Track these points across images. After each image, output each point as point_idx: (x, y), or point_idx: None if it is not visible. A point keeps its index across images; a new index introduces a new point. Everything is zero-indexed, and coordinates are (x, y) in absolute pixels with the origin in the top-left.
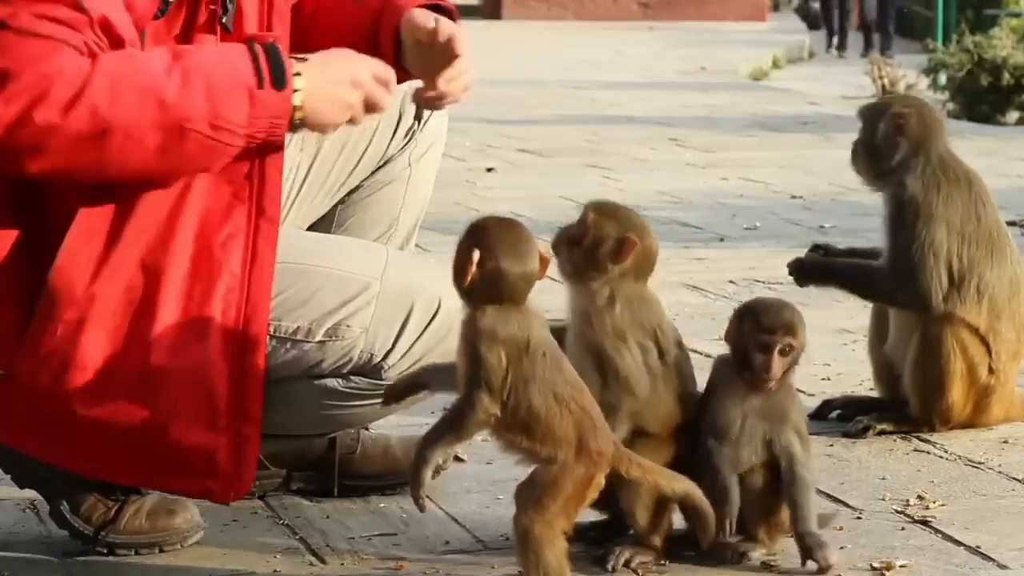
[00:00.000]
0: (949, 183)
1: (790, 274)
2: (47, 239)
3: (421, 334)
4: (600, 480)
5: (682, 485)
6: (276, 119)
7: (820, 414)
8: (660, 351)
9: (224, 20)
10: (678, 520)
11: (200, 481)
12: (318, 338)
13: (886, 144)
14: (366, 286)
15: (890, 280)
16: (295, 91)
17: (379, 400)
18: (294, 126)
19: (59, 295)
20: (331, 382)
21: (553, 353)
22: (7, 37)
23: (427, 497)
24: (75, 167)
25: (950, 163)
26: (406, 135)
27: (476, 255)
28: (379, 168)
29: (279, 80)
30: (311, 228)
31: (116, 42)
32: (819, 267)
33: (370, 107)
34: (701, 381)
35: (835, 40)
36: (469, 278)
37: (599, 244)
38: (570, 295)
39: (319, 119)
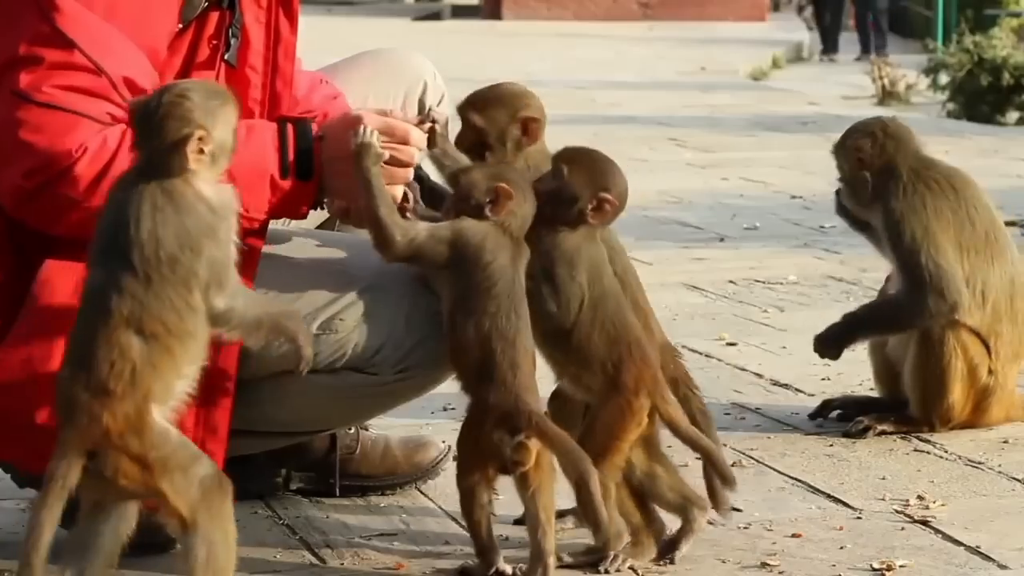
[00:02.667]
0: (934, 195)
1: (821, 355)
2: (36, 253)
3: (415, 330)
4: (496, 435)
5: (581, 466)
6: (298, 205)
7: (820, 414)
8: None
9: (227, 56)
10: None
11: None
12: (312, 332)
13: (855, 180)
14: (360, 280)
15: (917, 302)
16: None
17: (374, 396)
18: (318, 203)
19: (39, 307)
20: (325, 377)
21: (517, 295)
22: (30, 111)
23: None
24: (84, 235)
25: (930, 172)
26: None
27: (508, 187)
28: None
29: (305, 171)
30: (316, 228)
31: (140, 94)
32: (838, 333)
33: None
34: (700, 382)
35: (830, 44)
36: (503, 212)
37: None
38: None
39: (341, 195)
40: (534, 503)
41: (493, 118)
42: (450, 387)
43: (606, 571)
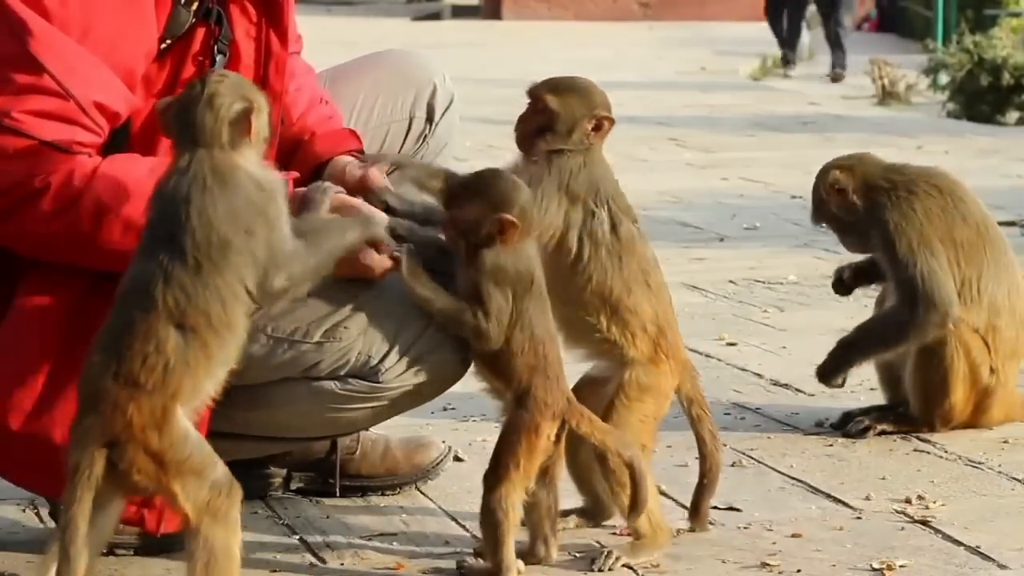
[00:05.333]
0: (920, 198)
1: (827, 385)
2: (21, 266)
3: (418, 338)
4: (549, 431)
5: (630, 453)
6: None
7: (843, 425)
8: None
9: None
10: (678, 520)
11: (130, 507)
12: (315, 339)
13: (846, 211)
14: (365, 289)
15: (911, 316)
16: None
17: (376, 404)
18: None
19: (13, 326)
20: (328, 384)
21: (544, 295)
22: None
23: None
24: (52, 260)
25: (908, 176)
26: (418, 139)
27: (513, 219)
28: (391, 172)
29: None
30: None
31: (113, 117)
32: (834, 362)
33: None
34: (700, 382)
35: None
36: (518, 240)
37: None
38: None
39: None
40: (548, 494)
41: (570, 106)
42: (451, 389)
43: (599, 569)
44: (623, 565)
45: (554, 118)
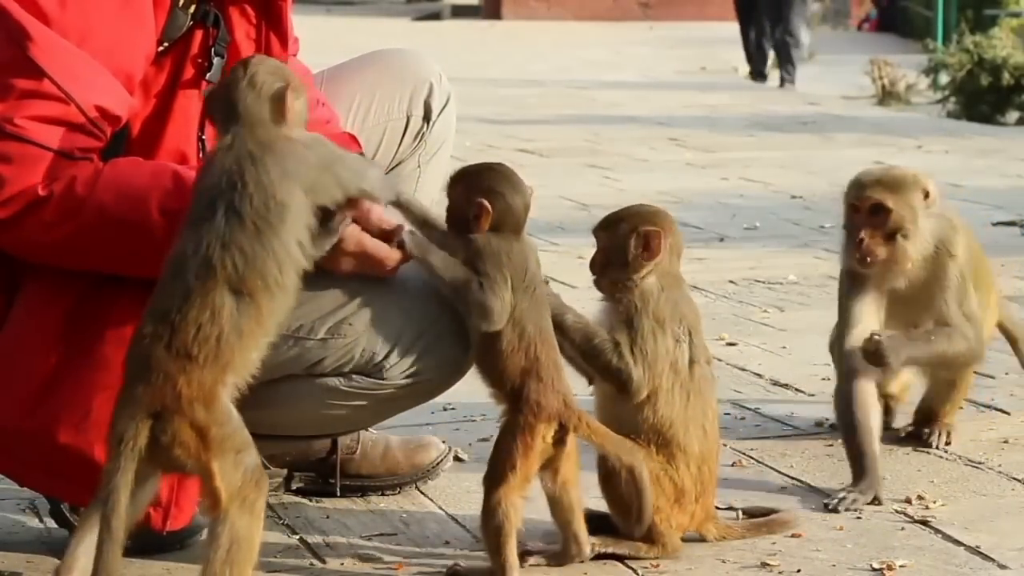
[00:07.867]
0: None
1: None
2: (22, 269)
3: (422, 334)
4: (544, 433)
5: (629, 459)
6: None
7: None
8: None
9: (208, 76)
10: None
11: None
12: (320, 335)
13: (912, 214)
14: (370, 285)
15: (970, 346)
16: None
17: (380, 401)
18: None
19: (11, 332)
20: (333, 381)
21: (541, 295)
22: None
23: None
24: (56, 266)
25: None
26: (415, 138)
27: (486, 202)
28: (389, 171)
29: None
30: None
31: (114, 121)
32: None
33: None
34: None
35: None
36: (488, 224)
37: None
38: None
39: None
40: (566, 493)
41: (616, 231)
42: (451, 388)
43: (574, 559)
44: (624, 563)
45: (607, 247)
